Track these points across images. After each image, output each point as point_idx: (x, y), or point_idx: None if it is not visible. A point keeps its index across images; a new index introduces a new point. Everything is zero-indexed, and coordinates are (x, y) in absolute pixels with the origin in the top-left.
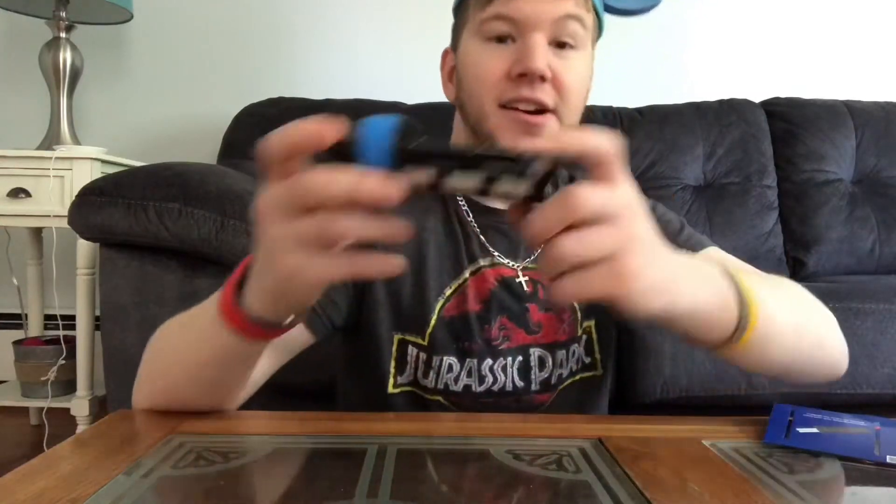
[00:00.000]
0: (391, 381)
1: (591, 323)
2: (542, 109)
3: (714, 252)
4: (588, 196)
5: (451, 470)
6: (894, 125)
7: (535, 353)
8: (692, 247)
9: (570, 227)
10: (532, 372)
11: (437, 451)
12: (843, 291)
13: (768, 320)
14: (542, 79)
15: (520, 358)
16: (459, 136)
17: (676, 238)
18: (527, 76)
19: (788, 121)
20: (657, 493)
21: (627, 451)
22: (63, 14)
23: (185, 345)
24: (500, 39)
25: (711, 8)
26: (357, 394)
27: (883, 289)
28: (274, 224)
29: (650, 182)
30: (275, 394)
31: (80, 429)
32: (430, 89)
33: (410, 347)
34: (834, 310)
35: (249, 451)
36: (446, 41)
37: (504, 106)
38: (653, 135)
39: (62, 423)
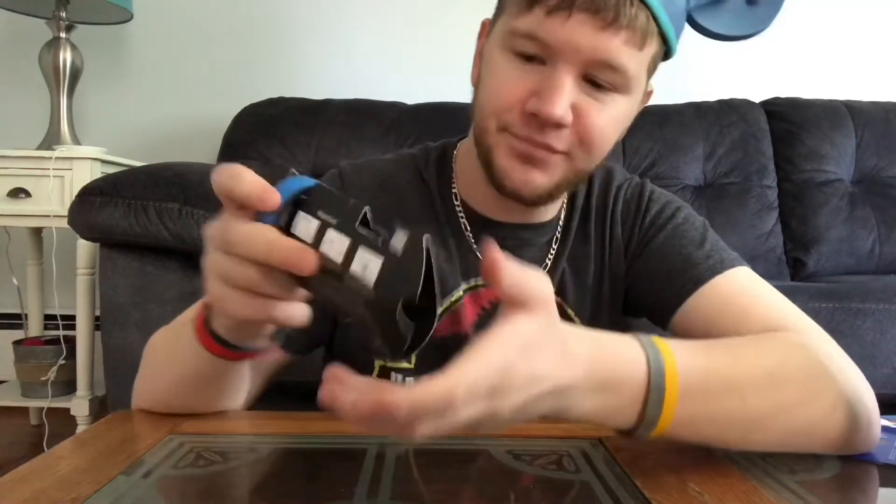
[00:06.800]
0: None
1: None
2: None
3: (738, 274)
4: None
5: (451, 470)
6: (894, 125)
7: None
8: (711, 267)
9: None
10: None
11: (437, 451)
12: (843, 291)
13: (694, 421)
14: (559, 125)
15: None
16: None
17: (691, 255)
18: (539, 118)
19: (788, 121)
20: (657, 493)
21: (627, 451)
22: (63, 14)
23: (169, 354)
24: (528, 58)
25: None
26: None
27: (883, 289)
28: (208, 253)
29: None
30: (274, 394)
31: (80, 429)
32: (429, 89)
33: (394, 374)
34: (834, 310)
35: (249, 451)
36: (445, 41)
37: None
38: (653, 135)
39: (62, 423)
